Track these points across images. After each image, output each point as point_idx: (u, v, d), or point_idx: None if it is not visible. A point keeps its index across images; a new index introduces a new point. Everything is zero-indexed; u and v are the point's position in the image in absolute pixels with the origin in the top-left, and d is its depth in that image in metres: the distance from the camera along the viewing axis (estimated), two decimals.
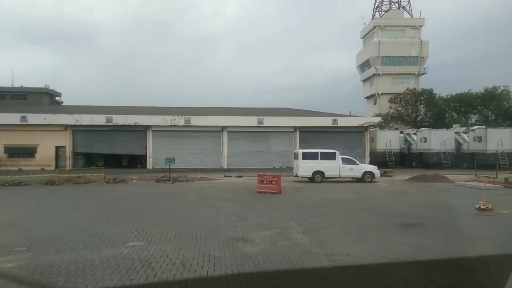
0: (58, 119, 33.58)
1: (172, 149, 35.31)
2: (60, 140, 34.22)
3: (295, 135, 36.93)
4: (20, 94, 63.97)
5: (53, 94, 65.47)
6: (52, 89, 68.36)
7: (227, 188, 19.91)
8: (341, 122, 36.64)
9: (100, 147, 35.31)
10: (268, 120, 36.13)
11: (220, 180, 25.10)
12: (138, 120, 34.76)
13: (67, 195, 17.79)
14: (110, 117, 34.27)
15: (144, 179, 25.18)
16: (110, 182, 23.57)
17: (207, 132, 36.07)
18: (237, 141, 36.48)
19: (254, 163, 36.24)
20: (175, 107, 42.89)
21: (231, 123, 35.91)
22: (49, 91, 66.26)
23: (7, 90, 64.25)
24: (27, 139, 33.43)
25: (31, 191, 19.38)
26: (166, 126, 35.24)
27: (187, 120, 35.18)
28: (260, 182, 18.14)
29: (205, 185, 21.64)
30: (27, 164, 33.56)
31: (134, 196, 17.05)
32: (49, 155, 33.97)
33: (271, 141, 36.83)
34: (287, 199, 15.99)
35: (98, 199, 16.32)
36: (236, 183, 23.21)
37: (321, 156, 22.92)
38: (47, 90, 66.85)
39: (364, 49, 66.42)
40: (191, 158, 35.47)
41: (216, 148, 36.28)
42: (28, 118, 32.95)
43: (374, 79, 63.06)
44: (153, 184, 22.72)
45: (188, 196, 16.79)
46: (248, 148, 36.57)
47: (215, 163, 36.03)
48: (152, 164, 35.22)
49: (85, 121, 33.97)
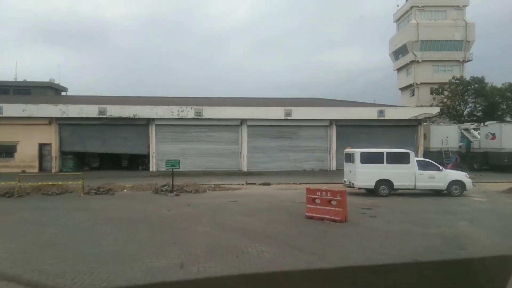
0: (40, 111, 27.40)
1: (180, 147, 28.95)
2: (44, 137, 28.06)
3: (331, 130, 30.00)
4: (23, 88, 60.74)
5: (58, 89, 61.60)
6: (58, 83, 64.53)
7: (255, 208, 13.16)
8: (389, 114, 29.53)
9: (93, 145, 29.03)
10: (298, 111, 29.27)
11: (241, 191, 18.39)
12: (138, 111, 28.33)
13: (7, 219, 11.37)
14: (103, 108, 27.93)
15: (140, 188, 18.65)
16: (92, 192, 17.11)
17: (223, 127, 29.44)
18: (259, 138, 29.75)
19: (280, 164, 29.51)
20: (183, 97, 36.34)
21: (252, 116, 29.18)
22: (54, 86, 62.60)
23: (9, 85, 61.40)
24: (4, 135, 27.39)
25: None
26: (172, 119, 28.74)
27: (198, 111, 28.60)
28: (311, 202, 11.36)
29: (221, 200, 14.95)
30: (5, 166, 27.48)
31: (108, 225, 10.44)
32: (31, 155, 27.86)
33: (301, 138, 29.99)
34: (370, 236, 9.13)
35: (44, 230, 9.78)
36: (265, 195, 16.46)
37: (389, 158, 15.98)
38: (51, 85, 63.12)
39: (399, 34, 58.74)
40: (202, 159, 28.95)
41: (233, 146, 29.62)
42: (4, 109, 26.84)
43: (412, 67, 55.38)
44: (149, 198, 16.15)
45: (195, 227, 10.09)
46: (272, 146, 29.81)
47: (232, 164, 29.40)
48: (156, 166, 28.82)
49: (73, 113, 27.72)
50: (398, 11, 59.94)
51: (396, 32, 60.96)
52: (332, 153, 29.80)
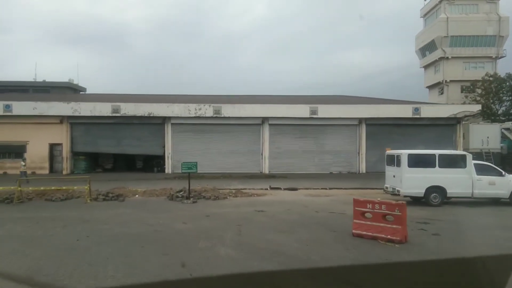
0: (51, 109, 25.91)
1: (197, 148, 27.09)
2: (55, 136, 26.58)
3: (360, 129, 27.60)
4: (42, 88, 60.95)
5: (77, 89, 61.56)
6: (76, 83, 64.40)
7: (287, 221, 11.00)
8: (425, 112, 26.94)
9: (106, 145, 27.40)
10: (325, 109, 27.00)
11: (266, 197, 16.25)
12: (153, 109, 26.56)
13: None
14: (117, 106, 26.26)
15: (153, 194, 16.74)
16: (100, 198, 15.29)
17: (243, 126, 27.42)
18: (282, 138, 27.62)
19: (304, 166, 27.31)
20: (201, 95, 34.46)
21: (275, 114, 27.05)
22: (72, 86, 62.70)
23: (29, 85, 61.91)
24: (13, 135, 26.00)
25: None
26: (189, 118, 26.87)
27: (216, 109, 26.64)
28: (360, 216, 9.11)
29: (245, 209, 12.86)
30: (14, 167, 26.00)
31: (109, 244, 8.45)
32: (42, 155, 26.41)
33: (327, 138, 27.71)
34: None
35: (28, 252, 7.88)
36: (295, 204, 14.29)
37: (441, 161, 13.58)
38: (70, 85, 63.22)
39: (427, 29, 55.53)
40: (221, 160, 27.00)
41: (254, 147, 27.57)
42: (13, 107, 25.44)
43: (441, 64, 52.17)
44: (162, 205, 14.20)
45: (216, 248, 8.00)
46: (296, 146, 27.62)
47: (253, 166, 27.35)
48: (171, 167, 27.01)
49: (85, 111, 26.14)
50: (425, 6, 56.74)
51: (423, 28, 57.76)
52: (362, 155, 27.41)
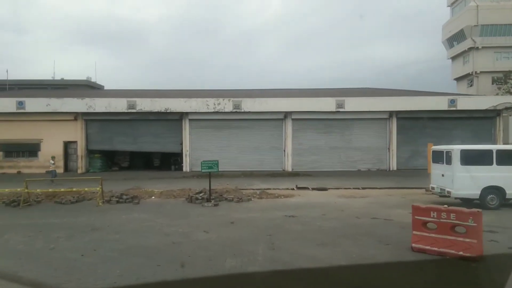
0: (65, 105, 24.90)
1: (216, 144, 25.74)
2: (70, 134, 25.61)
3: (391, 123, 25.66)
4: (60, 86, 61.59)
5: (94, 87, 62.12)
6: (94, 81, 64.66)
7: (326, 230, 9.40)
8: (462, 104, 24.80)
9: (122, 142, 26.29)
10: (352, 102, 25.17)
11: (294, 199, 14.66)
12: (170, 105, 25.26)
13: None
14: (132, 101, 25.09)
15: (170, 195, 15.37)
16: (113, 201, 14.02)
17: (264, 121, 25.87)
18: (306, 133, 25.95)
19: (330, 163, 25.61)
20: (220, 90, 33.04)
21: (298, 108, 25.38)
22: (90, 83, 63.36)
23: (47, 83, 62.80)
24: (27, 133, 25.15)
25: None
26: (208, 113, 25.48)
27: (236, 104, 25.16)
28: (421, 227, 7.44)
29: (274, 214, 11.33)
30: (28, 166, 25.33)
31: (118, 262, 7.05)
32: (56, 154, 25.29)
33: (354, 133, 25.89)
34: None
35: (20, 272, 6.56)
36: (329, 207, 12.67)
37: (500, 158, 11.72)
38: (87, 83, 63.87)
39: (455, 19, 52.58)
40: (241, 157, 25.55)
41: (276, 143, 26.00)
42: (26, 103, 24.52)
43: (470, 55, 49.33)
44: (181, 209, 12.80)
45: (249, 268, 6.49)
46: (321, 142, 25.90)
47: (275, 163, 25.80)
48: (189, 165, 25.72)
49: (100, 107, 25.04)
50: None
51: (451, 17, 54.79)
52: (392, 150, 25.48)
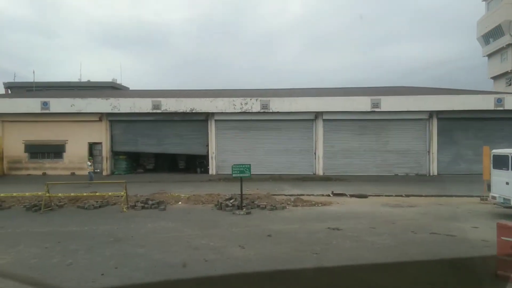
0: (90, 105, 24.40)
1: (243, 146, 24.69)
2: (94, 135, 25.10)
3: (431, 124, 23.88)
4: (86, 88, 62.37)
5: (120, 88, 62.63)
6: (119, 83, 65.34)
7: (379, 246, 8.06)
8: (510, 103, 22.76)
9: (146, 143, 25.57)
10: (389, 101, 23.55)
11: (333, 207, 13.31)
12: (196, 105, 24.36)
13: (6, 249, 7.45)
14: (157, 101, 24.33)
15: (198, 201, 14.31)
16: (138, 206, 13.08)
17: (294, 122, 24.59)
18: (338, 134, 24.49)
19: (364, 167, 24.06)
20: (246, 89, 31.97)
21: (330, 108, 23.96)
22: (115, 85, 63.96)
23: (74, 85, 63.58)
24: (52, 134, 24.79)
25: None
26: (234, 114, 24.42)
27: (264, 103, 24.00)
28: (510, 250, 6.03)
29: (315, 226, 10.05)
30: (53, 167, 24.97)
31: (148, 276, 6.00)
32: (81, 155, 24.99)
33: (391, 134, 24.24)
34: None
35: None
36: (374, 217, 11.28)
37: None
38: (113, 84, 64.47)
39: (490, 14, 49.69)
40: (269, 160, 24.33)
41: (306, 145, 24.67)
42: (51, 104, 24.15)
43: (509, 51, 46.51)
44: (210, 217, 11.70)
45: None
46: (354, 144, 24.38)
47: (305, 167, 24.47)
48: (215, 168, 24.73)
49: (125, 108, 24.40)
50: None
51: (486, 12, 51.91)
52: (433, 154, 23.68)
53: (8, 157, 24.74)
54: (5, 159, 24.70)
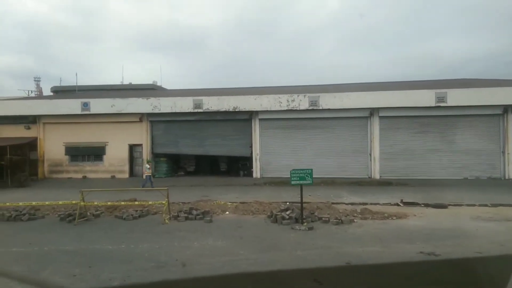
0: (130, 106, 23.41)
1: (290, 147, 22.81)
2: (135, 136, 24.10)
3: (505, 120, 20.80)
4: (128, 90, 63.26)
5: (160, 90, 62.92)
6: (160, 85, 65.87)
7: None
8: None
9: (187, 145, 24.25)
10: (456, 95, 20.74)
11: (411, 221, 11.03)
12: (239, 103, 22.72)
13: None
14: (199, 100, 22.92)
15: (247, 210, 12.52)
16: (181, 217, 11.51)
17: (346, 120, 22.34)
18: (397, 133, 21.97)
19: (428, 170, 21.39)
20: (292, 86, 30.00)
21: (387, 103, 21.49)
22: (155, 87, 64.22)
23: (116, 88, 64.56)
24: (92, 136, 24.05)
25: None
26: (280, 112, 22.54)
27: (313, 100, 21.93)
28: None
29: (401, 248, 7.93)
30: (94, 170, 24.24)
31: None
32: (121, 158, 24.11)
33: (459, 132, 21.39)
34: None
35: None
36: (474, 237, 8.94)
37: None
38: (153, 86, 64.87)
39: None
40: (319, 162, 22.10)
41: (360, 145, 22.33)
42: (91, 105, 23.39)
43: None
44: (264, 232, 9.84)
45: None
46: (416, 144, 21.73)
47: (359, 169, 22.13)
48: (260, 171, 22.97)
49: (165, 107, 23.20)
50: None
51: None
52: (508, 154, 20.60)
53: (49, 160, 24.29)
54: (46, 162, 24.27)
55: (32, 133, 24.30)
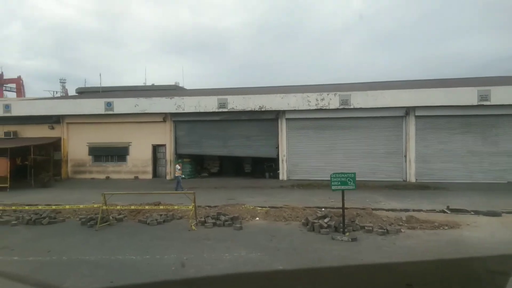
0: (154, 105, 22.84)
1: (318, 148, 21.75)
2: (158, 136, 23.54)
3: None
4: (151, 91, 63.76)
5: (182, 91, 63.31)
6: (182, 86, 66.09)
7: None
8: None
9: (211, 145, 23.48)
10: (502, 93, 19.20)
11: (465, 231, 9.77)
12: (265, 102, 21.79)
13: None
14: (223, 99, 22.14)
15: (279, 216, 11.54)
16: (209, 223, 10.66)
17: (379, 119, 21.08)
18: (434, 134, 20.57)
19: (467, 173, 19.92)
20: (320, 85, 28.86)
21: (425, 102, 20.12)
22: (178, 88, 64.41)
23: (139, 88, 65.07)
24: (116, 136, 23.62)
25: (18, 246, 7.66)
26: (309, 111, 21.48)
27: (344, 99, 20.78)
28: None
29: (470, 267, 6.84)
30: (117, 171, 23.80)
31: None
32: (144, 158, 23.59)
33: (502, 133, 19.82)
34: None
35: None
36: None
37: None
38: (176, 87, 64.98)
39: None
40: (349, 164, 20.91)
41: (394, 146, 21.03)
42: (115, 104, 22.93)
43: None
44: (303, 244, 8.84)
45: None
46: (455, 145, 20.28)
47: (393, 172, 20.84)
48: (287, 173, 21.97)
49: (189, 107, 22.52)
50: None
51: None
52: None
53: (72, 160, 24.01)
54: (69, 162, 24.00)
55: (56, 133, 24.09)
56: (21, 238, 9.60)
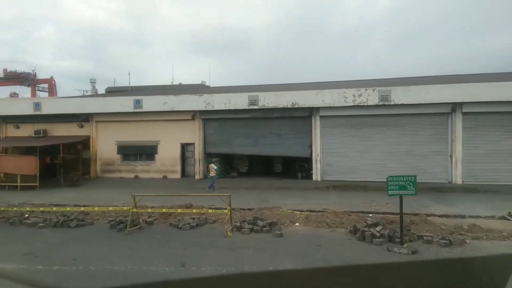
0: (183, 103, 22.18)
1: (355, 148, 20.54)
2: (187, 135, 22.86)
3: None
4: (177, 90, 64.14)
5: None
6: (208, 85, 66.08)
7: None
8: None
9: (241, 144, 22.61)
10: None
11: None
12: (298, 99, 20.71)
13: None
14: (254, 96, 21.22)
15: (321, 222, 10.49)
16: (245, 228, 9.75)
17: (422, 116, 19.59)
18: (483, 132, 18.87)
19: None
20: (358, 80, 27.48)
21: (473, 97, 18.47)
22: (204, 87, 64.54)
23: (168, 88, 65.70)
24: (145, 134, 23.12)
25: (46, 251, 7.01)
26: (345, 108, 20.24)
27: (384, 95, 19.41)
28: None
29: None
30: (145, 170, 23.32)
31: None
32: (173, 157, 22.99)
33: None
34: None
35: None
36: None
37: None
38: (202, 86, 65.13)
39: None
40: (389, 164, 19.61)
41: (438, 146, 19.46)
42: (144, 102, 22.43)
43: None
44: (356, 257, 7.80)
45: None
46: (506, 144, 18.54)
47: (437, 173, 19.28)
48: (320, 174, 20.79)
49: (219, 104, 21.72)
50: None
51: None
52: None
53: (101, 159, 23.72)
54: (98, 161, 23.72)
55: (85, 131, 23.88)
56: (47, 243, 9.01)
